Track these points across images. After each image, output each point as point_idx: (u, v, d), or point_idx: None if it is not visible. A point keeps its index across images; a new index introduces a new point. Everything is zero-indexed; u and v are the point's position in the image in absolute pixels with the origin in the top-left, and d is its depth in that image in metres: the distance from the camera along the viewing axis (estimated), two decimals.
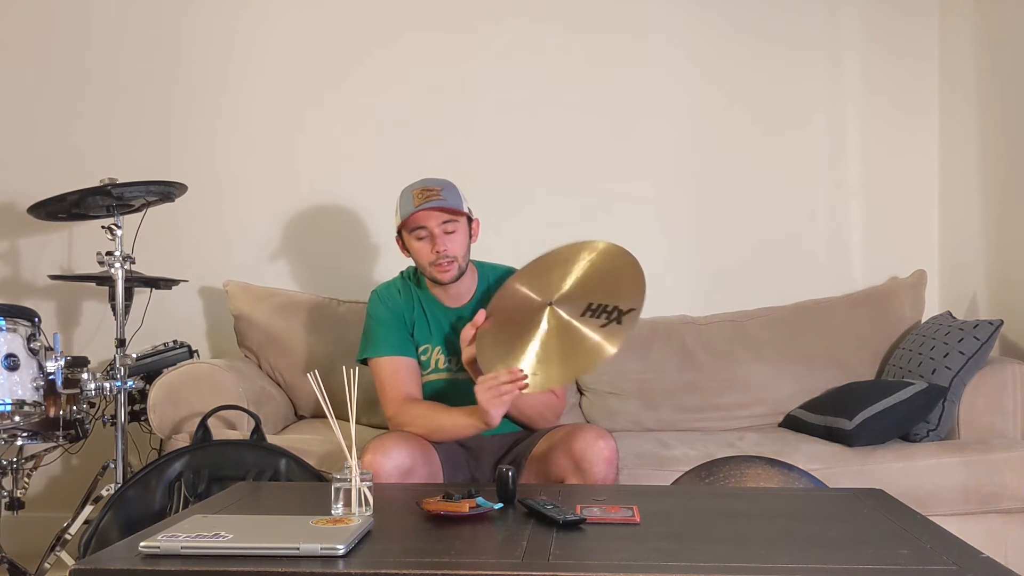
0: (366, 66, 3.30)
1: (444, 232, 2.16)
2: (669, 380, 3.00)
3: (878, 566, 1.26)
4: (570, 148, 3.29)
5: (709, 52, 3.32)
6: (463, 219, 2.20)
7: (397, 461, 1.95)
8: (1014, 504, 2.49)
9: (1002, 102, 2.96)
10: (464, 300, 2.28)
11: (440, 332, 2.27)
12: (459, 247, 2.18)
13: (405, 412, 2.16)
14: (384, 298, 2.29)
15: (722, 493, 1.93)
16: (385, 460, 1.94)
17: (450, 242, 2.16)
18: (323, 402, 1.64)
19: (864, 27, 3.32)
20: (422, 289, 2.30)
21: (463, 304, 2.28)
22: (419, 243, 2.18)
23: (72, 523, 2.59)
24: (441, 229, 2.15)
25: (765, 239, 3.31)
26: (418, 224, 2.15)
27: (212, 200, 3.23)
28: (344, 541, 1.30)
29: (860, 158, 3.32)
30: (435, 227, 2.15)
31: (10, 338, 2.33)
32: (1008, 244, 2.93)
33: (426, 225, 2.15)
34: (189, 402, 2.54)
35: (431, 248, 2.16)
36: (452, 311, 2.27)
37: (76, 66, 3.28)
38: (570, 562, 1.29)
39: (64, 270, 3.24)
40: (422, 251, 2.18)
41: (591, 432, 2.01)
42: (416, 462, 2.00)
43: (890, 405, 2.57)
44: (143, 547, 1.30)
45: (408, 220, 2.16)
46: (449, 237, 2.16)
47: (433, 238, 2.16)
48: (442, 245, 2.15)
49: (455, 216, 2.17)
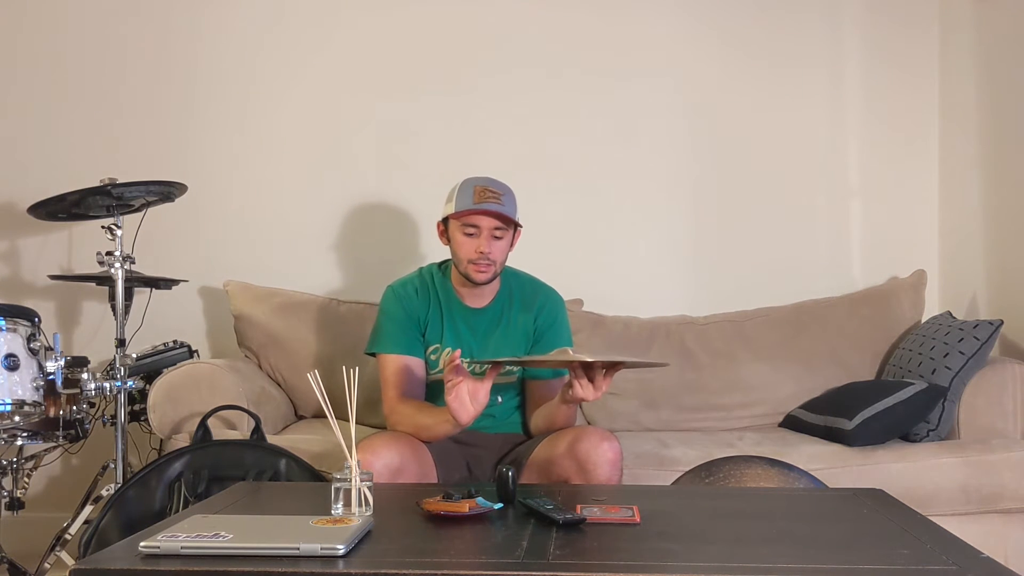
0: (365, 67, 3.30)
1: (493, 236, 2.18)
2: (669, 380, 3.00)
3: (878, 566, 1.26)
4: (570, 148, 3.30)
5: (710, 53, 3.32)
6: (512, 228, 2.22)
7: (387, 460, 1.96)
8: (1014, 504, 2.50)
9: (1002, 103, 2.96)
10: (486, 301, 2.30)
11: (454, 331, 2.27)
12: (501, 254, 2.21)
13: (397, 411, 2.18)
14: (400, 296, 2.29)
15: (722, 493, 1.93)
16: (374, 459, 1.94)
17: (495, 247, 2.18)
18: (323, 402, 1.64)
19: (865, 28, 3.31)
20: (446, 283, 2.31)
21: (483, 305, 2.30)
22: (465, 238, 2.19)
23: (72, 523, 2.59)
24: (491, 233, 2.17)
25: (765, 239, 3.31)
26: (471, 221, 2.17)
27: (212, 200, 3.23)
28: (344, 541, 1.30)
29: (860, 158, 3.33)
30: (486, 229, 2.17)
31: (10, 338, 2.33)
32: (1008, 244, 2.93)
33: (479, 225, 2.17)
34: (189, 402, 2.54)
35: (476, 247, 2.17)
36: (470, 310, 2.29)
37: (76, 66, 3.28)
38: (570, 562, 1.29)
39: (64, 270, 3.24)
40: (466, 246, 2.19)
41: (596, 434, 2.01)
42: (406, 460, 2.01)
43: (890, 405, 2.57)
44: (143, 547, 1.30)
45: (462, 214, 2.17)
46: (496, 243, 2.18)
47: (482, 239, 2.17)
48: (488, 247, 2.17)
49: (507, 224, 2.19)
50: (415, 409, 2.17)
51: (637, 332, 3.07)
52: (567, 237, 3.27)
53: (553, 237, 3.20)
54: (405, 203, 3.28)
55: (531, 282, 2.36)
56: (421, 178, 3.25)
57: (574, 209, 3.28)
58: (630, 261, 3.31)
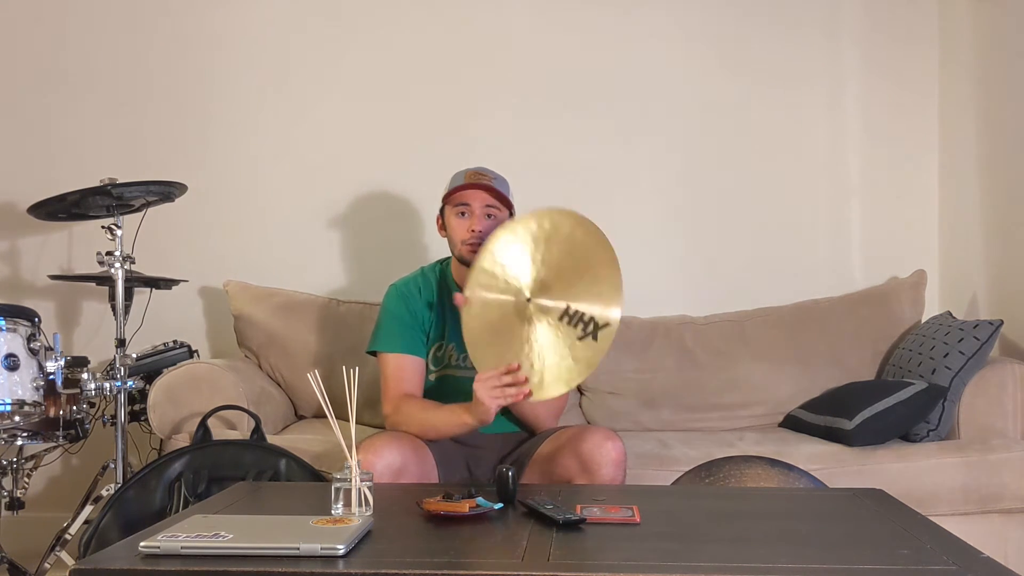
0: (365, 68, 3.30)
1: (485, 214, 2.19)
2: (669, 380, 3.00)
3: (878, 566, 1.26)
4: (570, 148, 3.30)
5: (709, 53, 3.32)
6: (506, 210, 2.23)
7: (388, 460, 1.96)
8: (1014, 504, 2.50)
9: (1002, 102, 2.96)
10: None
11: (456, 327, 2.26)
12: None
13: (399, 411, 2.17)
14: (403, 294, 2.30)
15: (722, 493, 1.93)
16: (376, 459, 1.94)
17: (487, 226, 2.18)
18: (323, 402, 1.64)
19: (865, 28, 3.31)
20: (447, 278, 2.31)
21: None
22: (457, 220, 2.20)
23: (72, 523, 2.59)
24: (483, 211, 2.18)
25: (765, 239, 3.31)
26: (463, 200, 2.18)
27: (212, 200, 3.23)
28: (344, 541, 1.30)
29: (860, 158, 3.32)
30: (477, 207, 2.18)
31: (10, 338, 2.33)
32: (1008, 244, 2.93)
33: (470, 203, 2.18)
34: (189, 402, 2.55)
35: (468, 226, 2.18)
36: None
37: (76, 66, 3.28)
38: (570, 562, 1.29)
39: (64, 270, 3.24)
40: (458, 227, 2.20)
41: (599, 434, 2.01)
42: (408, 461, 2.00)
43: (890, 405, 2.57)
44: (143, 547, 1.30)
45: (454, 194, 2.19)
46: (488, 221, 2.19)
47: (473, 217, 2.18)
48: (479, 225, 2.17)
49: (499, 203, 2.20)
50: (422, 408, 2.16)
51: (637, 332, 3.07)
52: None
53: None
54: (405, 203, 3.28)
55: None
56: (421, 179, 3.25)
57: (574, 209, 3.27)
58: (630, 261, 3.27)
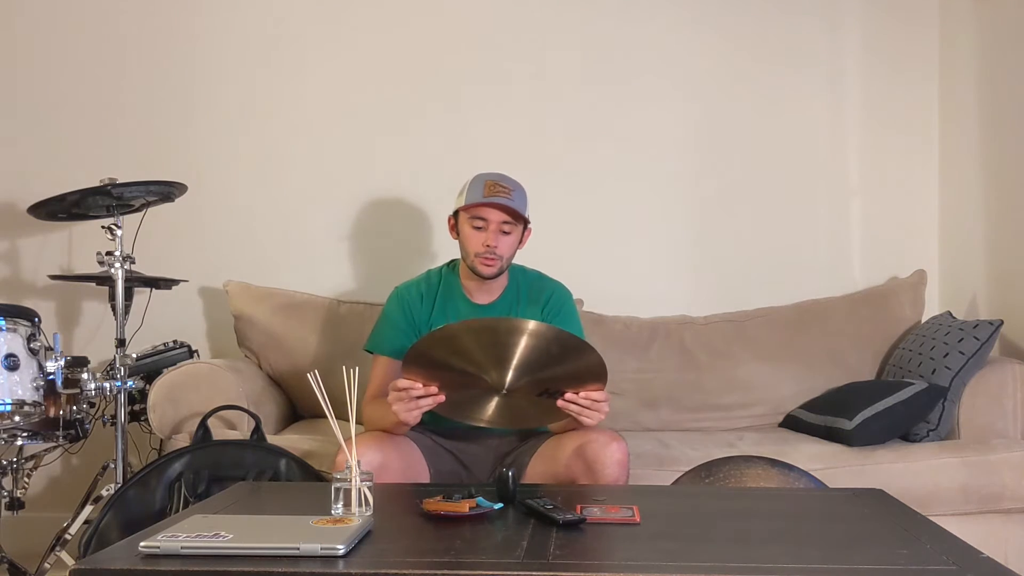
0: (365, 68, 3.30)
1: (501, 231, 2.19)
2: (669, 380, 3.00)
3: (878, 566, 1.26)
4: (570, 148, 3.30)
5: (710, 54, 3.32)
6: (520, 225, 2.24)
7: (368, 458, 1.96)
8: (1014, 504, 2.50)
9: (1002, 102, 2.96)
10: (494, 297, 2.31)
11: None
12: (509, 249, 2.22)
13: (365, 411, 2.20)
14: (403, 299, 2.30)
15: (722, 493, 1.93)
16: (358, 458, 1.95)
17: (503, 242, 2.19)
18: (323, 402, 1.64)
19: (865, 27, 3.31)
20: (454, 281, 2.31)
21: (491, 301, 2.30)
22: (473, 231, 2.20)
23: (72, 523, 2.59)
24: (499, 227, 2.19)
25: (765, 239, 3.31)
26: (480, 214, 2.19)
27: (212, 200, 3.23)
28: (344, 541, 1.30)
29: (860, 158, 3.32)
30: (494, 223, 2.18)
31: (10, 338, 2.33)
32: (1008, 244, 2.93)
33: (487, 218, 2.18)
34: (189, 402, 2.54)
35: (483, 241, 2.19)
36: (478, 307, 2.29)
37: (76, 66, 3.28)
38: (570, 562, 1.29)
39: (64, 270, 3.24)
40: (473, 239, 2.20)
41: (604, 435, 2.02)
42: (388, 457, 2.01)
43: (890, 405, 2.57)
44: (143, 547, 1.30)
45: (471, 207, 2.19)
46: (504, 237, 2.20)
47: (489, 232, 2.18)
48: (495, 241, 2.18)
49: (516, 220, 2.20)
50: (377, 407, 2.15)
51: (637, 332, 3.07)
52: (568, 237, 3.26)
53: (554, 237, 3.20)
54: (406, 204, 3.28)
55: (538, 277, 2.37)
56: (422, 179, 3.25)
57: (575, 209, 3.28)
58: (630, 261, 3.31)
